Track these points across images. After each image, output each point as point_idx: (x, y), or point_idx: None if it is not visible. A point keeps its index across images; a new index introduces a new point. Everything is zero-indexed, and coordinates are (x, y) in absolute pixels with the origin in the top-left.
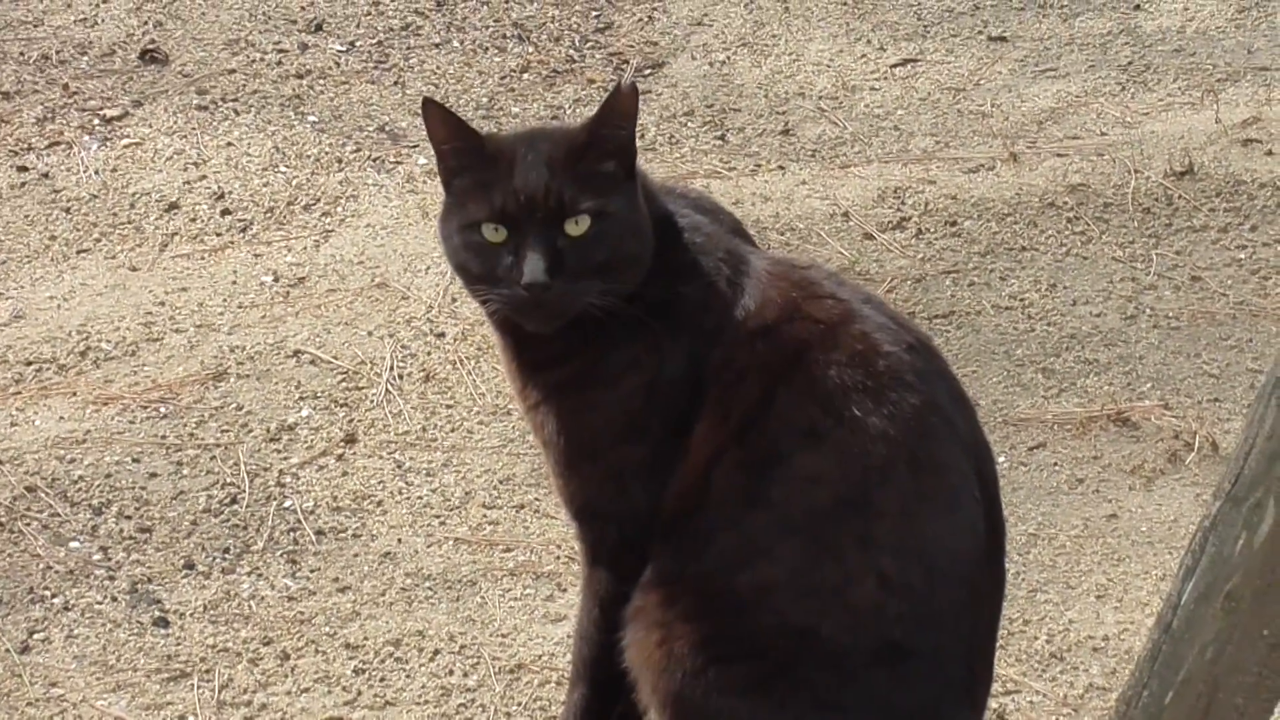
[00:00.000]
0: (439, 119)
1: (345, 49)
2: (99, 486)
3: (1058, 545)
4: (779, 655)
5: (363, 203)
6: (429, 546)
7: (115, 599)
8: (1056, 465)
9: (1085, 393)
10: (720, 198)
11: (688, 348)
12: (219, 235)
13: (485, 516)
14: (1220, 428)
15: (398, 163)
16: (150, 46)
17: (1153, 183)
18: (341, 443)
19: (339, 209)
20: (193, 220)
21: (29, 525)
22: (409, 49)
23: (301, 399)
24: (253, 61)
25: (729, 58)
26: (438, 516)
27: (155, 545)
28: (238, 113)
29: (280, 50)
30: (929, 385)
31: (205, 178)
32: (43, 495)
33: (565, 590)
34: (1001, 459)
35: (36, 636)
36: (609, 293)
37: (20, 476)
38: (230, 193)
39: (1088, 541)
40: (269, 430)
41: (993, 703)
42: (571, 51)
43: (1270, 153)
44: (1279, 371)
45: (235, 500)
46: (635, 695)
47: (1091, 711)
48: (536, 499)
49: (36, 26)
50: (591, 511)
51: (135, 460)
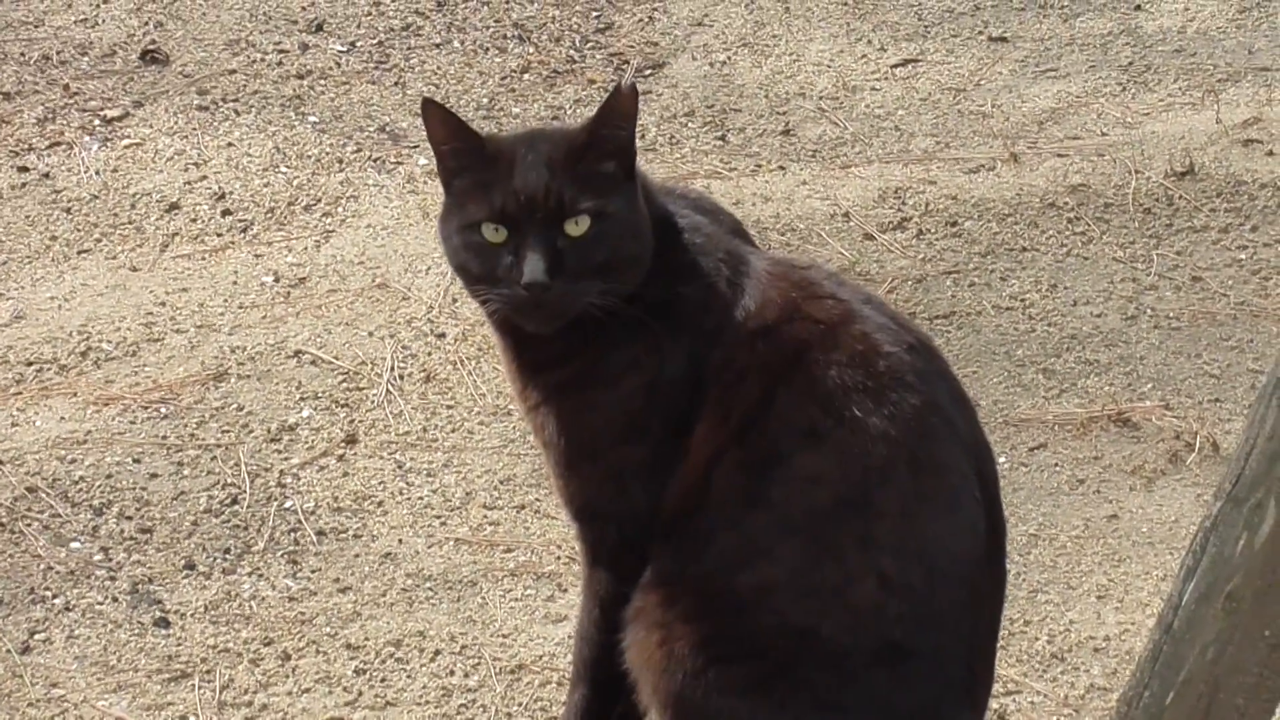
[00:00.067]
0: (439, 119)
1: (346, 49)
2: (100, 487)
3: (1058, 546)
4: (779, 655)
5: (363, 203)
6: (430, 547)
7: (116, 599)
8: (1057, 466)
9: (1086, 393)
10: (721, 198)
11: (688, 348)
12: (220, 235)
13: (486, 517)
14: (1221, 428)
15: (398, 163)
16: (151, 47)
17: (1153, 183)
18: (342, 443)
19: (340, 209)
20: (193, 220)
21: (30, 526)
22: (410, 49)
23: (302, 399)
24: (253, 62)
25: (729, 58)
26: (439, 517)
27: (156, 546)
28: (238, 113)
29: (281, 50)
30: (929, 385)
31: (206, 178)
32: (44, 496)
33: (566, 591)
34: (1002, 459)
35: (37, 637)
36: (609, 293)
37: (21, 477)
38: (231, 193)
39: (1088, 542)
40: (270, 431)
41: (993, 703)
42: (572, 52)
43: (1271, 153)
44: None
45: (236, 501)
46: (636, 696)
47: (1092, 712)
48: (537, 499)
49: (37, 27)
50: (591, 512)
51: (136, 461)
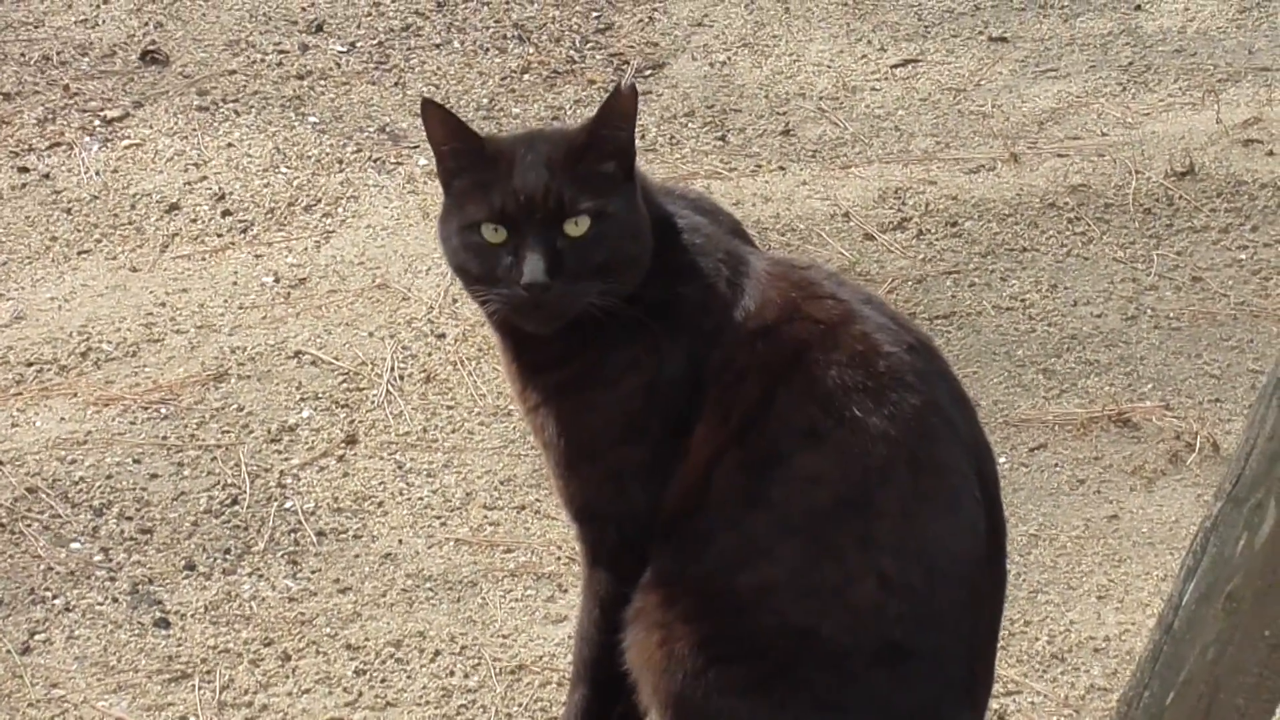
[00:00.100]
0: (438, 120)
1: (346, 50)
2: (100, 487)
3: (1059, 546)
4: (779, 656)
5: (363, 203)
6: (430, 547)
7: (116, 600)
8: (1057, 466)
9: (1086, 393)
10: (721, 198)
11: (687, 348)
12: (220, 236)
13: (486, 517)
14: (1221, 428)
15: (398, 163)
16: (151, 47)
17: (1154, 183)
18: (342, 444)
19: (340, 210)
20: (193, 221)
21: (30, 526)
22: (409, 50)
23: (302, 400)
24: (253, 62)
25: (729, 58)
26: (439, 517)
27: (156, 546)
28: (238, 113)
29: (281, 51)
30: (929, 386)
31: (206, 178)
32: (44, 496)
33: (566, 591)
34: (1002, 460)
35: (37, 637)
36: (608, 293)
37: (21, 477)
38: (231, 193)
39: (1089, 542)
40: (270, 431)
41: (994, 703)
42: (572, 52)
43: (1271, 153)
44: None
45: (236, 501)
46: (636, 696)
47: (1093, 712)
48: (537, 500)
49: (37, 27)
50: (591, 512)
51: (136, 461)
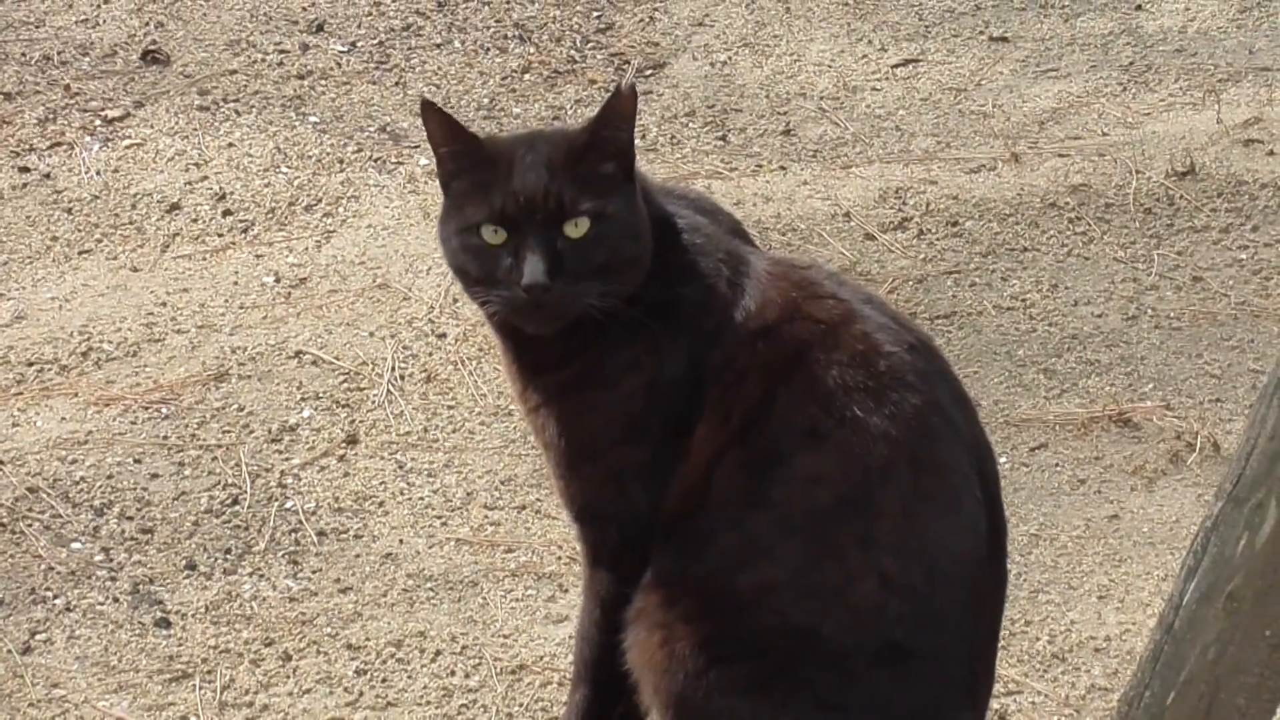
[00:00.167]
0: (436, 121)
1: (346, 49)
2: (100, 487)
3: (1059, 546)
4: (780, 655)
5: (364, 203)
6: (431, 547)
7: (117, 600)
8: (1058, 466)
9: (1087, 393)
10: (721, 198)
11: (687, 349)
12: (220, 236)
13: (487, 517)
14: (1222, 428)
15: (399, 163)
16: (152, 47)
17: (1154, 183)
18: (343, 443)
19: (340, 209)
20: (194, 221)
21: (30, 526)
22: (410, 49)
23: (303, 400)
24: (254, 62)
25: (730, 58)
26: (439, 517)
27: (157, 546)
28: (239, 113)
29: (281, 51)
30: (930, 385)
31: (207, 178)
32: (44, 496)
33: (567, 591)
34: (1003, 459)
35: (38, 637)
36: (608, 294)
37: (22, 477)
38: (231, 193)
39: (1089, 542)
40: (270, 431)
41: (994, 703)
42: (573, 52)
43: (1272, 153)
44: None
45: (237, 501)
46: (637, 696)
47: (1093, 712)
48: (538, 500)
49: (38, 27)
50: (592, 513)
51: (137, 461)
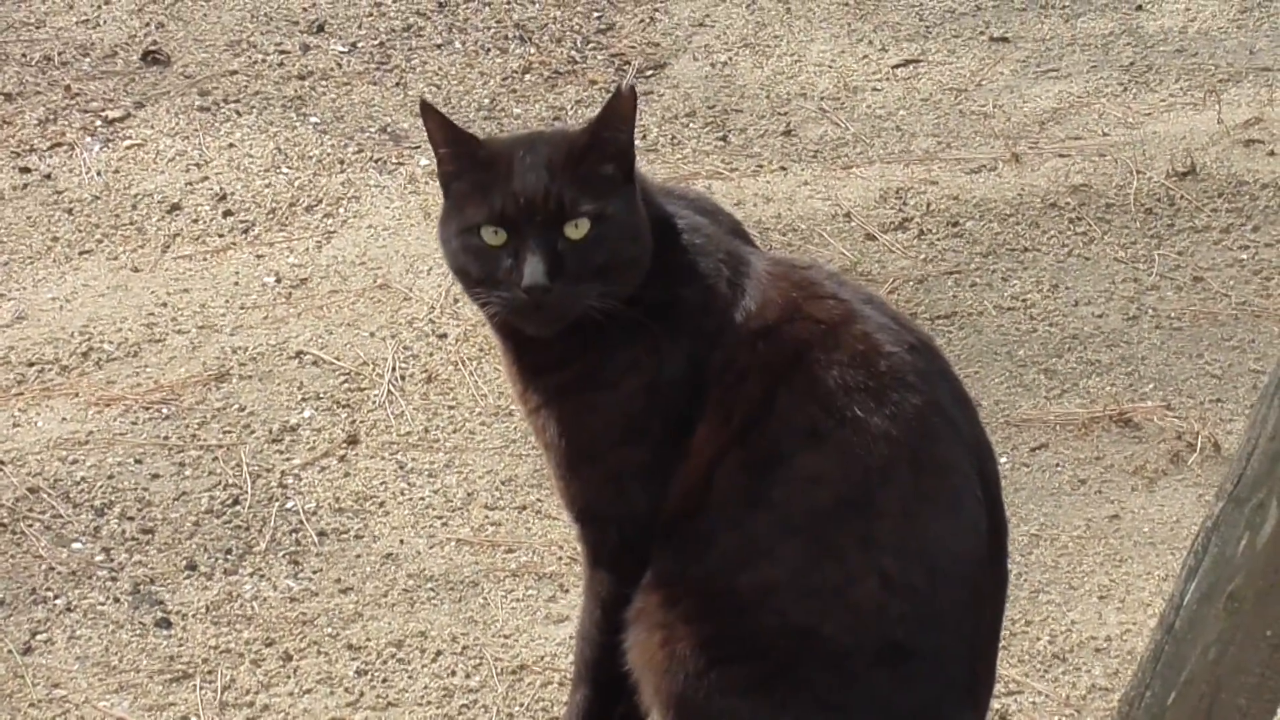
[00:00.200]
0: (435, 123)
1: (347, 50)
2: (101, 487)
3: (1060, 546)
4: (781, 656)
5: (365, 204)
6: (431, 547)
7: (118, 600)
8: (1059, 466)
9: (1087, 393)
10: (722, 199)
11: (688, 349)
12: (221, 236)
13: (487, 517)
14: (1222, 428)
15: (400, 164)
16: (152, 48)
17: (1155, 183)
18: (344, 444)
19: (341, 210)
20: (195, 221)
21: (31, 526)
22: (411, 50)
23: (304, 400)
24: (255, 63)
25: (731, 59)
26: (440, 517)
27: (157, 546)
28: (240, 114)
29: (282, 51)
30: (931, 386)
31: (207, 179)
32: (45, 496)
33: (567, 591)
34: (1003, 460)
35: (39, 638)
36: (609, 295)
37: (22, 478)
38: (232, 194)
39: (1090, 542)
40: (271, 431)
41: (995, 703)
42: (573, 52)
43: (1272, 153)
44: None
45: (237, 501)
46: (638, 697)
47: (1094, 712)
48: (539, 500)
49: (38, 28)
50: (592, 513)
51: (137, 461)
